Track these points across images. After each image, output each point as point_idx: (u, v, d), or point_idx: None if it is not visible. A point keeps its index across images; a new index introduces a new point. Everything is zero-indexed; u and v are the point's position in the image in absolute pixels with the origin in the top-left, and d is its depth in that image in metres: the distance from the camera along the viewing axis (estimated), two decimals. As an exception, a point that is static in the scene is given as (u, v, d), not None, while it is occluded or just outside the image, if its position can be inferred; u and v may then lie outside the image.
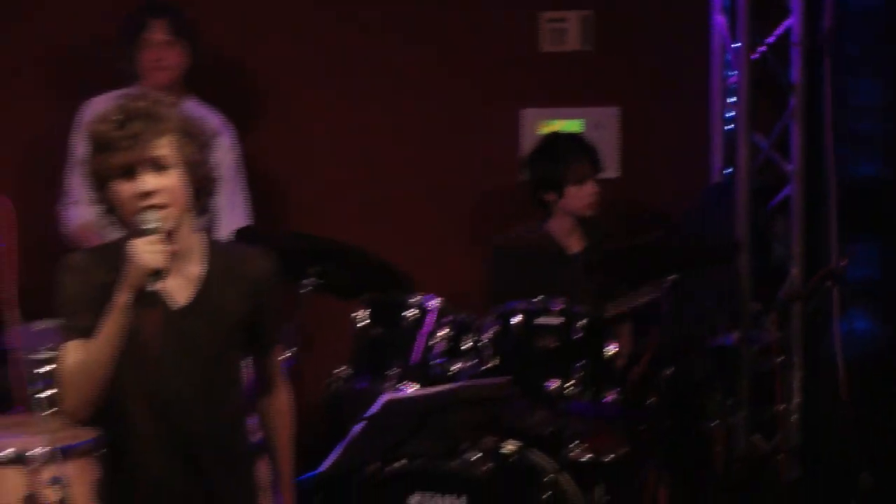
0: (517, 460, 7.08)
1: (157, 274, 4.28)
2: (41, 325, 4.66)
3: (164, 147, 4.38)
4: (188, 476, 4.59)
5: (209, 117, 7.58)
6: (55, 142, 6.97)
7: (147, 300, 4.30)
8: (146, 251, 4.27)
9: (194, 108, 7.52)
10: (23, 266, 4.88)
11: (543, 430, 7.16)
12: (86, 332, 4.40)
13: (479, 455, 6.92)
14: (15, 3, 8.14)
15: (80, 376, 4.43)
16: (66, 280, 4.52)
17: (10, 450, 5.95)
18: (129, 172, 4.36)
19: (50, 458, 4.66)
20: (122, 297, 4.30)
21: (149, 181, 4.36)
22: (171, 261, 4.35)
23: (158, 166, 4.38)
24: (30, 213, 5.99)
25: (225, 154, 7.61)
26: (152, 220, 4.33)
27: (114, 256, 4.40)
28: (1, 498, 5.86)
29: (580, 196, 7.62)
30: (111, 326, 4.34)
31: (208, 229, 4.91)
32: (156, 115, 4.38)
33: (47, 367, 4.68)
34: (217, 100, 7.79)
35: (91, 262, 4.54)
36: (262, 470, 4.93)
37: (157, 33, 7.53)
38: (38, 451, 5.75)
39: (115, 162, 4.36)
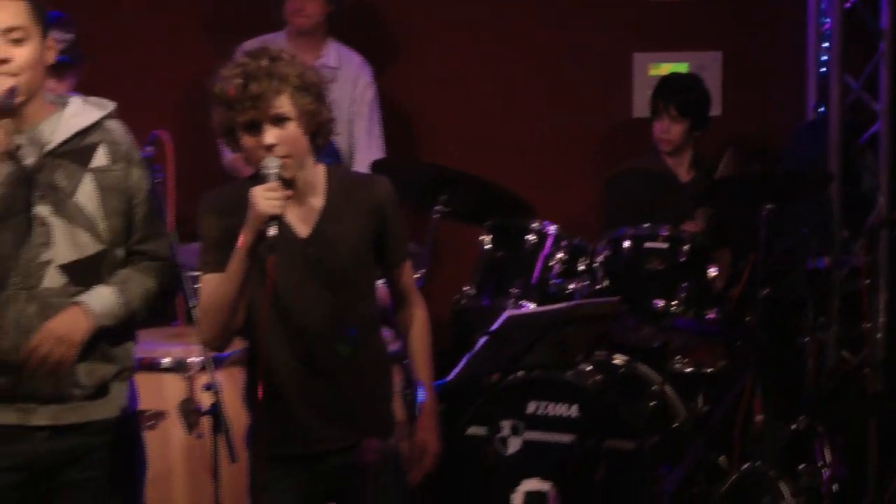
0: (625, 372, 7.10)
1: (275, 219, 4.30)
2: (196, 246, 4.67)
3: (283, 103, 4.41)
4: (322, 388, 4.62)
5: (349, 58, 7.62)
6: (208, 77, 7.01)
7: (267, 239, 4.31)
8: (265, 198, 4.30)
9: (334, 50, 7.58)
10: (181, 193, 4.90)
11: (650, 345, 7.17)
12: (218, 268, 4.46)
13: (591, 367, 6.94)
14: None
15: (212, 309, 4.49)
16: (202, 217, 4.59)
17: (170, 358, 6.04)
18: (253, 127, 4.42)
19: (204, 367, 4.70)
20: (245, 239, 4.34)
21: (270, 134, 4.40)
22: (287, 205, 4.38)
23: (278, 120, 4.42)
24: (189, 145, 6.05)
25: (363, 91, 7.64)
26: (272, 167, 4.37)
27: (241, 195, 4.43)
28: (161, 401, 5.95)
29: (655, 130, 7.63)
30: (236, 266, 4.38)
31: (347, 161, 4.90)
32: (275, 74, 4.41)
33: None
34: (357, 40, 7.81)
35: (222, 202, 4.60)
36: (396, 378, 4.95)
37: None
38: (194, 359, 5.84)
39: (239, 119, 4.42)
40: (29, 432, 4.48)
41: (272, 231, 4.29)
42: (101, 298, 4.46)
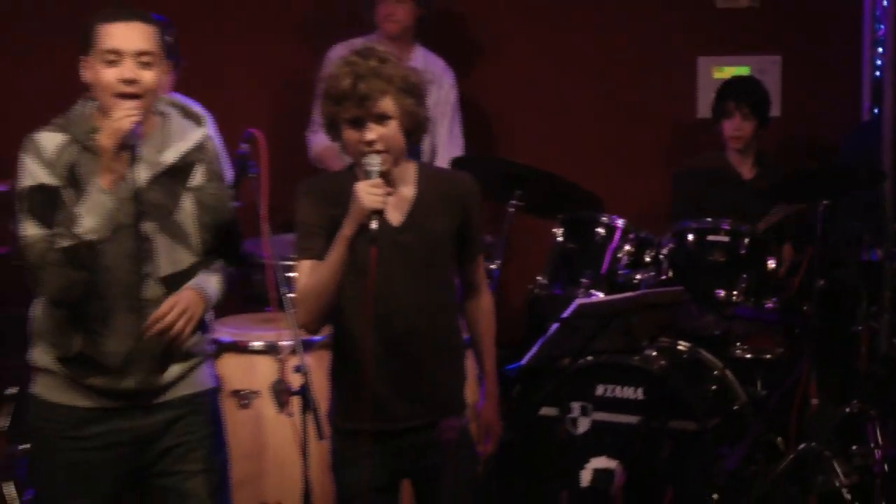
0: (688, 357, 7.08)
1: (377, 213, 4.33)
2: (288, 237, 4.72)
3: (387, 103, 4.44)
4: (404, 369, 4.65)
5: (433, 63, 7.63)
6: (303, 79, 6.99)
7: (369, 232, 4.35)
8: (368, 193, 4.32)
9: (420, 55, 7.59)
10: (274, 187, 4.93)
11: (711, 332, 7.15)
12: (316, 255, 4.50)
13: (656, 353, 6.93)
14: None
15: (312, 294, 4.52)
16: (301, 204, 4.62)
17: (263, 341, 6.07)
18: (357, 123, 4.45)
19: (295, 350, 4.72)
20: (347, 231, 4.37)
21: (372, 132, 4.43)
22: (387, 201, 4.40)
23: (381, 118, 4.45)
24: (280, 141, 6.07)
25: (447, 93, 7.67)
26: (375, 165, 4.40)
27: (342, 187, 4.47)
28: (254, 381, 5.99)
29: (728, 126, 7.60)
30: (336, 255, 4.41)
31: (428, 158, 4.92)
32: (382, 75, 4.43)
33: (291, 274, 4.75)
34: (440, 46, 7.82)
35: (323, 191, 4.63)
36: (470, 363, 4.96)
37: None
38: (285, 343, 5.86)
39: (345, 115, 4.45)
40: (128, 412, 4.60)
41: (374, 224, 4.34)
42: (212, 286, 4.63)
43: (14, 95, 7.73)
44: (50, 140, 4.49)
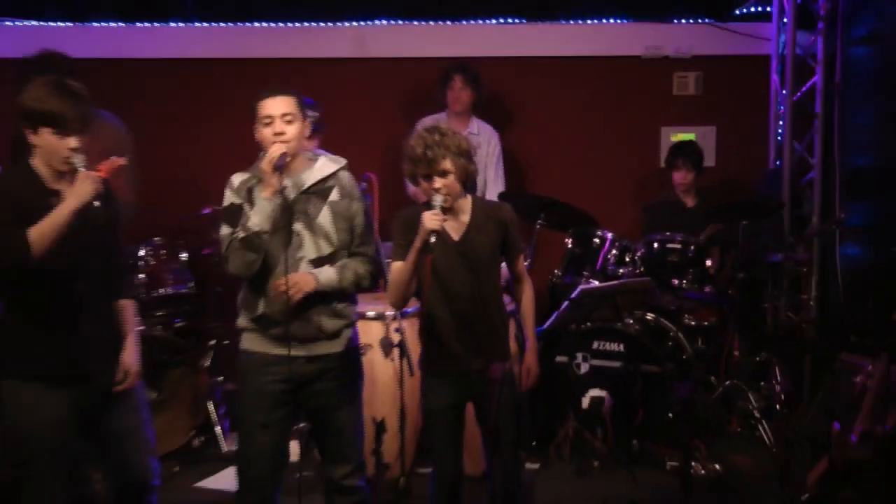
0: (654, 324, 7.04)
1: (434, 233, 4.38)
2: (388, 244, 4.71)
3: (447, 164, 4.50)
4: (467, 332, 4.62)
5: (484, 128, 7.59)
6: (402, 139, 7.01)
7: (432, 244, 4.40)
8: (430, 219, 4.40)
9: (476, 122, 7.53)
10: (382, 212, 4.90)
11: (669, 307, 7.09)
12: (401, 259, 4.54)
13: (632, 321, 6.88)
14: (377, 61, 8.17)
15: (395, 284, 4.58)
16: (394, 225, 4.65)
17: (375, 311, 6.02)
18: (427, 177, 4.51)
19: (395, 317, 4.68)
20: (417, 243, 4.43)
21: (437, 182, 4.50)
22: (445, 223, 4.47)
23: (443, 174, 4.50)
24: (387, 181, 6.03)
25: (493, 148, 7.64)
26: (437, 201, 4.46)
27: (418, 217, 4.49)
28: (369, 338, 5.96)
29: (676, 176, 7.56)
30: (410, 259, 4.47)
31: (479, 194, 4.87)
32: (443, 145, 4.49)
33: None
34: (489, 116, 7.79)
35: (408, 217, 4.60)
36: (512, 328, 4.90)
37: (458, 83, 7.49)
38: (389, 312, 5.79)
39: (419, 171, 4.52)
40: (294, 358, 4.56)
41: (432, 239, 4.38)
42: (325, 273, 4.57)
43: (224, 146, 7.72)
44: (238, 178, 4.64)
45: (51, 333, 4.27)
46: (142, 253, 6.62)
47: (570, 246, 7.06)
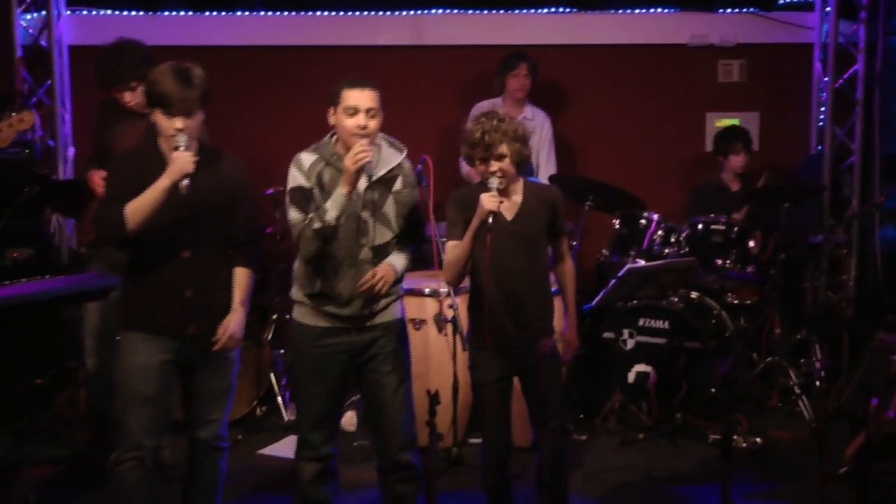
0: (697, 302, 7.02)
1: (492, 213, 4.38)
2: (444, 223, 4.71)
3: (503, 148, 4.48)
4: (516, 308, 4.61)
5: (537, 113, 7.56)
6: (456, 123, 6.97)
7: (487, 224, 4.41)
8: (488, 200, 4.40)
9: (529, 108, 7.50)
10: (437, 192, 4.91)
11: (713, 286, 7.06)
12: (456, 238, 4.55)
13: (677, 299, 6.85)
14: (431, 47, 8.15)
15: (451, 263, 4.59)
16: (451, 206, 4.65)
17: (429, 288, 6.02)
18: (484, 160, 4.50)
19: (448, 294, 4.68)
20: (474, 223, 4.44)
21: (493, 165, 4.49)
22: (501, 205, 4.45)
23: (499, 157, 4.49)
24: (442, 163, 6.03)
25: (546, 133, 7.61)
26: (494, 183, 4.46)
27: (475, 195, 4.50)
28: (423, 313, 5.98)
29: (735, 160, 7.42)
30: (468, 239, 4.49)
31: (531, 176, 4.88)
32: (500, 130, 4.48)
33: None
34: (542, 102, 7.77)
35: (463, 197, 4.62)
36: (557, 303, 4.88)
37: (523, 70, 7.45)
38: (443, 289, 5.79)
39: (477, 155, 4.52)
40: (346, 331, 4.60)
41: (490, 220, 4.38)
42: (399, 262, 4.61)
43: (285, 130, 7.77)
44: (307, 158, 4.57)
45: (155, 296, 4.45)
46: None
47: (617, 227, 7.03)
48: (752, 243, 6.97)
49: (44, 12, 7.76)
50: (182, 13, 8.07)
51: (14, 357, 6.18)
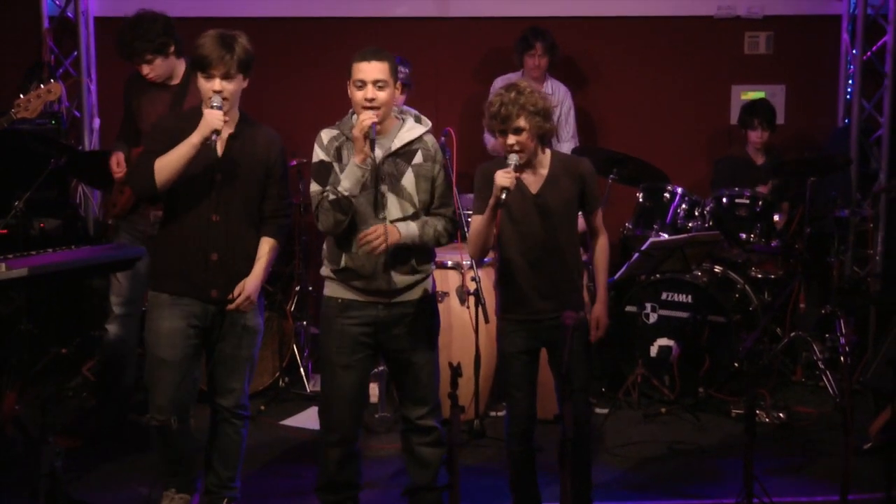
0: (721, 276, 6.99)
1: (507, 190, 4.35)
2: (469, 196, 4.69)
3: (521, 121, 4.43)
4: (543, 280, 4.59)
5: (558, 87, 7.53)
6: (479, 97, 6.90)
7: (501, 200, 4.39)
8: (502, 177, 4.37)
9: (550, 82, 7.46)
10: (460, 164, 4.87)
11: (737, 260, 7.02)
12: (481, 212, 4.52)
13: (700, 272, 6.82)
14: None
15: (473, 237, 4.57)
16: (477, 179, 4.63)
17: (452, 261, 6.00)
18: (503, 132, 4.46)
19: (471, 266, 4.67)
20: (491, 200, 4.41)
21: (511, 138, 4.45)
22: (523, 177, 4.46)
23: (517, 130, 4.45)
24: (465, 137, 5.99)
25: (568, 107, 7.55)
26: (512, 160, 4.43)
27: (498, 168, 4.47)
28: (446, 285, 5.96)
29: (753, 135, 7.34)
30: (488, 214, 4.45)
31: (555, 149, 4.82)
32: (518, 103, 4.43)
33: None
34: (564, 76, 7.71)
35: (487, 172, 4.56)
36: (586, 279, 4.85)
37: (538, 49, 7.39)
38: (465, 262, 5.76)
39: (496, 126, 4.48)
40: (371, 305, 4.60)
41: (503, 196, 4.36)
42: (407, 227, 4.54)
43: (309, 103, 7.76)
44: (327, 134, 4.61)
45: (183, 257, 4.57)
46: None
47: (640, 200, 6.98)
48: (777, 217, 6.91)
49: (70, -17, 7.75)
50: (206, -16, 8.01)
51: (40, 326, 6.19)
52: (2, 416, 5.20)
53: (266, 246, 4.69)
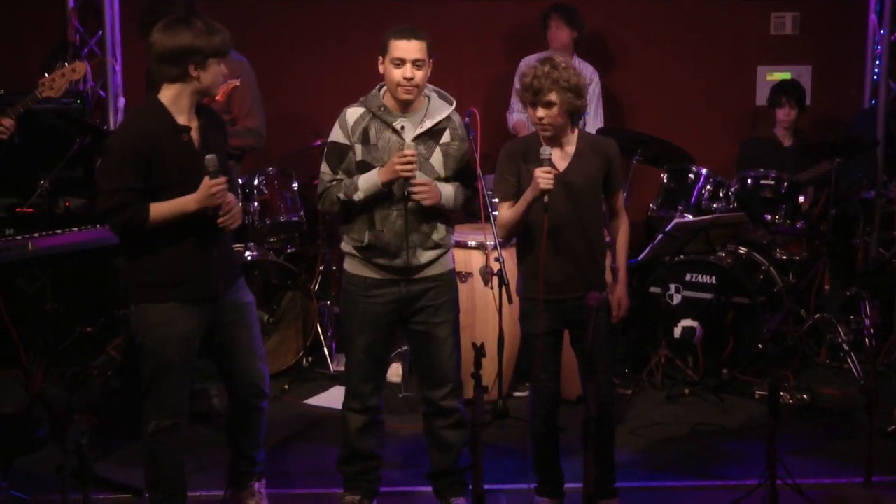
0: (746, 257, 6.95)
1: (547, 192, 4.34)
2: (491, 176, 4.68)
3: (552, 95, 4.41)
4: (566, 259, 4.59)
5: (585, 67, 7.48)
6: (503, 77, 6.88)
7: (544, 202, 4.38)
8: (543, 178, 4.34)
9: (577, 61, 7.43)
10: (484, 145, 4.86)
11: (761, 241, 6.97)
12: (510, 197, 4.56)
13: (725, 254, 6.79)
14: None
15: (504, 225, 4.61)
16: (501, 160, 4.65)
17: (475, 241, 5.98)
18: (534, 105, 4.44)
19: (495, 247, 4.67)
20: (528, 197, 4.44)
21: (541, 112, 4.44)
22: (555, 183, 4.39)
23: (549, 104, 4.43)
24: (489, 116, 5.97)
25: (594, 87, 7.51)
26: (546, 153, 4.41)
27: (527, 145, 4.53)
28: (470, 266, 5.95)
29: (780, 113, 7.27)
30: (522, 209, 4.49)
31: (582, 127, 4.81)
32: (550, 77, 4.40)
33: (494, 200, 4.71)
34: (591, 56, 7.67)
35: (514, 150, 4.60)
36: (608, 260, 4.83)
37: (555, 21, 7.36)
38: (489, 242, 5.75)
39: (527, 99, 4.46)
40: (395, 283, 4.63)
41: (546, 198, 4.36)
42: (446, 189, 4.58)
43: (333, 81, 7.75)
44: (353, 113, 4.58)
45: (189, 259, 4.37)
46: (256, 182, 6.66)
47: (665, 181, 6.95)
48: (802, 198, 6.87)
49: (95, -37, 7.76)
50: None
51: (66, 305, 6.22)
52: (29, 393, 5.23)
53: None
